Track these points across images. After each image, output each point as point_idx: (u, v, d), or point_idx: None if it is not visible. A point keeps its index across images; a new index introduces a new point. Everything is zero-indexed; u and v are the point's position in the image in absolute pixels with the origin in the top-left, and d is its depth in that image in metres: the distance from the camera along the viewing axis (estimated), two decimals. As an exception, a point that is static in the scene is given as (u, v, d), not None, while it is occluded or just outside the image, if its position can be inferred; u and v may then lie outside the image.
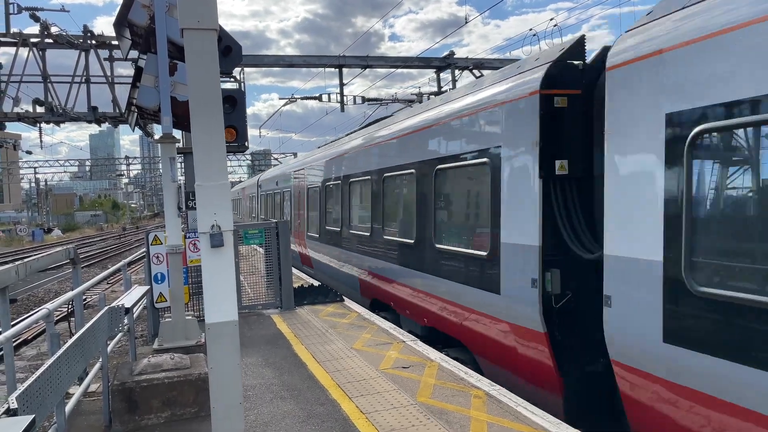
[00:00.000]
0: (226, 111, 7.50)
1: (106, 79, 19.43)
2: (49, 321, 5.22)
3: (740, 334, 3.78)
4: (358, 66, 21.03)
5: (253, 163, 74.80)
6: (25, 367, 10.68)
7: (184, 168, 15.67)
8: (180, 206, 7.20)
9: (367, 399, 5.80)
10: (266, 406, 5.81)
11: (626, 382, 4.81)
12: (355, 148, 12.21)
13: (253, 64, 20.54)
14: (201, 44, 3.45)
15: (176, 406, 5.60)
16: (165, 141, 6.92)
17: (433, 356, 7.15)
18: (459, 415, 5.29)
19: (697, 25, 4.14)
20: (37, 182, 79.22)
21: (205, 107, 3.47)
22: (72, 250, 7.78)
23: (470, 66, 21.18)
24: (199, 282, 9.29)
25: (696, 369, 4.09)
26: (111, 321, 5.85)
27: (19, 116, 19.17)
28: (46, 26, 18.58)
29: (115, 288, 20.32)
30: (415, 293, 8.82)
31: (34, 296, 19.77)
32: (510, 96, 6.36)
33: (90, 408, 6.11)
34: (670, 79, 4.31)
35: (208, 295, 3.57)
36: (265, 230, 10.52)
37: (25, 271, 6.11)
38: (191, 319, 7.60)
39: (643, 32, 4.72)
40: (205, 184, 3.51)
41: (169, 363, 5.82)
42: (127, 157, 73.52)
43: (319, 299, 11.15)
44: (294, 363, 7.23)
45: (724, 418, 3.90)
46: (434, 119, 8.26)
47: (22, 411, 3.20)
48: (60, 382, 4.05)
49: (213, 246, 3.50)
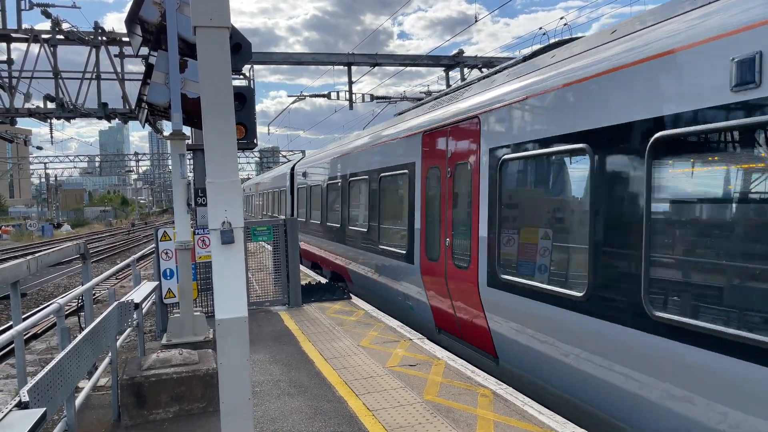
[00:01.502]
0: (236, 108, 7.51)
1: (117, 76, 19.54)
2: (60, 315, 5.26)
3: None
4: (367, 64, 21.02)
5: (261, 160, 75.03)
6: (34, 361, 10.78)
7: (193, 165, 15.75)
8: (189, 203, 7.24)
9: (373, 396, 5.82)
10: (274, 402, 5.84)
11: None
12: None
13: (262, 61, 20.55)
14: (213, 42, 3.46)
15: (184, 401, 5.64)
16: (175, 138, 6.95)
17: (440, 354, 7.15)
18: (465, 413, 5.29)
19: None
20: (47, 178, 79.76)
21: (217, 105, 3.48)
22: (82, 246, 7.83)
23: (479, 64, 21.12)
24: (207, 278, 9.34)
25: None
26: (120, 316, 5.90)
27: (30, 112, 19.31)
28: (58, 22, 18.70)
29: (125, 283, 20.45)
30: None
31: (44, 291, 19.92)
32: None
33: (99, 402, 6.16)
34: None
35: (218, 291, 3.59)
36: (273, 227, 10.56)
37: (36, 266, 6.16)
38: (199, 315, 7.65)
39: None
40: (216, 180, 3.52)
41: (177, 358, 5.85)
42: (136, 153, 73.82)
43: (327, 296, 11.19)
44: (301, 360, 7.26)
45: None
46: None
47: (33, 404, 3.23)
48: (70, 376, 4.09)
49: (224, 243, 3.51)
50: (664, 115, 4.28)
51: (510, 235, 6.39)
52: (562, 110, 5.44)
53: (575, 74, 5.33)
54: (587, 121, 5.06)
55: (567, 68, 5.53)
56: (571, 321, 5.23)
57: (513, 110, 6.35)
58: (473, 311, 7.08)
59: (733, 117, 3.77)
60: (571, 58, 5.63)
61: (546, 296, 5.58)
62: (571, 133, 5.27)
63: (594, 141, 4.98)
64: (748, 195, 3.86)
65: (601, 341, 4.92)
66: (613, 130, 4.76)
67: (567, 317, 5.28)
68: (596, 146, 4.96)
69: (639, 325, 4.47)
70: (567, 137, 5.35)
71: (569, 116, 5.32)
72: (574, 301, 5.18)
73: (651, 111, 4.38)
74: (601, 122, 4.91)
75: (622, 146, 4.69)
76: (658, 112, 4.32)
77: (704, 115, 3.96)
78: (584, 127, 5.09)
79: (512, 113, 6.37)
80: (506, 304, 6.32)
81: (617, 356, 4.75)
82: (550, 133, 5.61)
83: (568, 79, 5.40)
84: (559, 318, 5.39)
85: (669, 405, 4.27)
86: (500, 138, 6.52)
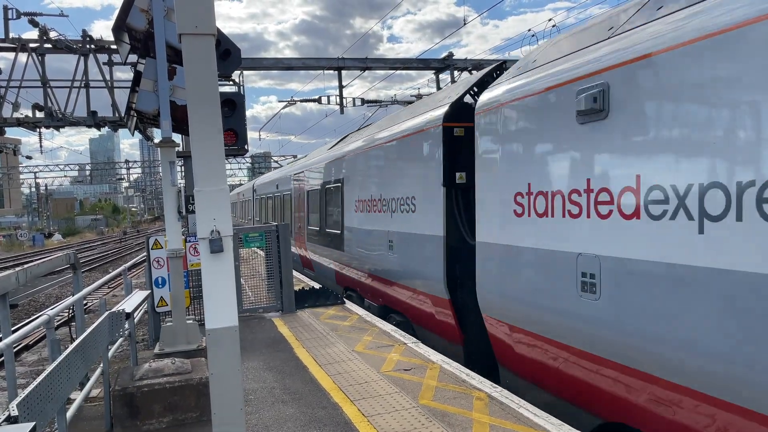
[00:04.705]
0: (226, 114, 7.52)
1: (106, 84, 19.46)
2: (50, 327, 5.21)
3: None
4: (357, 68, 21.04)
5: (253, 165, 74.84)
6: (26, 373, 10.68)
7: (184, 172, 15.70)
8: (180, 210, 7.19)
9: (368, 402, 5.79)
10: (268, 410, 5.80)
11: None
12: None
13: (252, 66, 20.54)
14: (199, 49, 3.43)
15: (177, 410, 5.59)
16: (164, 145, 6.91)
17: (434, 358, 7.14)
18: (461, 417, 5.28)
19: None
20: (38, 187, 79.21)
21: (204, 113, 3.45)
22: (72, 255, 7.76)
23: (469, 67, 21.18)
24: (199, 286, 9.28)
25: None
26: (112, 326, 5.84)
27: (18, 121, 19.20)
28: (45, 31, 18.61)
29: (116, 292, 20.32)
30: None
31: (35, 301, 19.76)
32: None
33: (91, 413, 6.10)
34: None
35: (209, 300, 3.56)
36: (266, 233, 10.52)
37: (26, 277, 6.10)
38: (192, 323, 7.59)
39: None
40: (204, 189, 3.49)
41: (170, 368, 5.80)
42: (127, 161, 73.23)
43: (320, 302, 11.14)
44: (295, 366, 7.22)
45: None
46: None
47: (22, 418, 3.18)
48: (61, 388, 4.03)
49: (213, 251, 3.48)
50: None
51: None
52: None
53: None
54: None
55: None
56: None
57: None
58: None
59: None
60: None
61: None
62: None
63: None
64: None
65: None
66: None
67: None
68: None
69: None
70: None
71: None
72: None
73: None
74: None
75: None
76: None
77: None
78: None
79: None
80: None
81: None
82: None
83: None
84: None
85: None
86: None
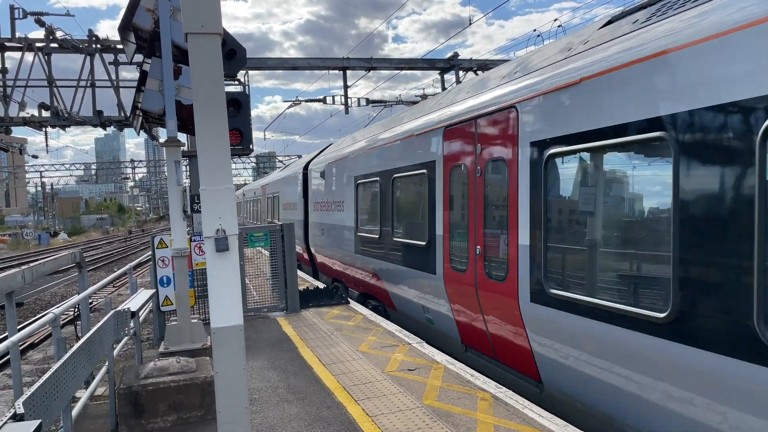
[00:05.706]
0: (231, 114, 7.53)
1: (111, 83, 19.52)
2: (56, 325, 5.23)
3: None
4: (362, 68, 21.05)
5: (257, 165, 74.95)
6: (31, 371, 10.72)
7: (189, 171, 15.75)
8: (185, 209, 7.21)
9: (373, 402, 5.79)
10: (272, 409, 5.80)
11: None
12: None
13: (257, 66, 20.57)
14: (205, 49, 3.44)
15: (182, 409, 5.60)
16: (170, 145, 6.93)
17: (439, 359, 7.13)
18: (465, 417, 5.27)
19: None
20: (43, 186, 79.59)
21: (210, 112, 3.46)
22: (78, 254, 7.78)
23: (474, 67, 21.15)
24: (204, 285, 9.30)
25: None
26: (117, 325, 5.85)
27: (24, 120, 19.28)
28: (51, 31, 18.68)
29: (122, 291, 20.39)
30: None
31: (41, 300, 19.84)
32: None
33: (96, 412, 6.12)
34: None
35: (214, 299, 3.56)
36: (270, 233, 10.53)
37: (32, 276, 6.11)
38: (197, 322, 7.61)
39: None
40: (209, 188, 3.50)
41: (175, 366, 5.82)
42: (132, 161, 73.50)
43: (325, 302, 11.14)
44: (300, 366, 7.22)
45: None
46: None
47: (28, 416, 3.19)
48: (66, 386, 4.05)
49: (218, 250, 3.49)
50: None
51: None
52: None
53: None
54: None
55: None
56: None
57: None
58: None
59: None
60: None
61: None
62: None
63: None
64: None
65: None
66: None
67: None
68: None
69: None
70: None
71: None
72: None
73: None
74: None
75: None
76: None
77: None
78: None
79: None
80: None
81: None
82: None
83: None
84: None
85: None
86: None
